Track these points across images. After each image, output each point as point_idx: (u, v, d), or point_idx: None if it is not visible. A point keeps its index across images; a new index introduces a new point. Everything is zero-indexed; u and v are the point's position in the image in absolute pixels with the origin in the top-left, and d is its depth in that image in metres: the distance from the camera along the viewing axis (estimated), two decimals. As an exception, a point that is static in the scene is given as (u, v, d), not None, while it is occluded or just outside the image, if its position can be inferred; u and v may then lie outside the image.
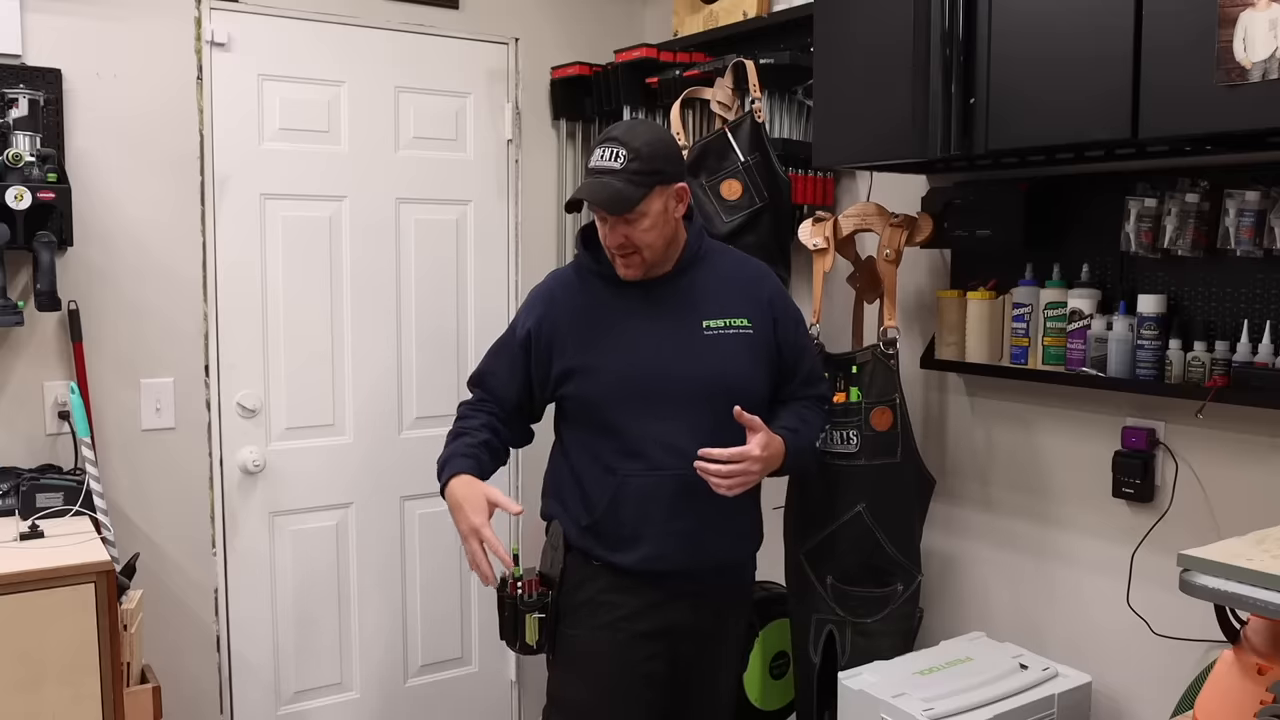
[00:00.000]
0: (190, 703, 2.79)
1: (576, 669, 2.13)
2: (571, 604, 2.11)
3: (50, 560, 2.05)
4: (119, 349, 2.65)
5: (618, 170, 1.96)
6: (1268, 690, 1.27)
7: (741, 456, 1.96)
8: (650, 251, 2.03)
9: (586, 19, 3.31)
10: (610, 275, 2.10)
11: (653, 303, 2.09)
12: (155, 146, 2.67)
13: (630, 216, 1.97)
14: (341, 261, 2.99)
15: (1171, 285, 2.04)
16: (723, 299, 2.12)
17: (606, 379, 2.05)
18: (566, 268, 2.25)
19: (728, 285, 2.14)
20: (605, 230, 2.02)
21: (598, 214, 2.02)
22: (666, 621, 2.10)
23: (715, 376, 2.05)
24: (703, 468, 1.95)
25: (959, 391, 2.52)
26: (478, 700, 3.29)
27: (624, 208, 1.96)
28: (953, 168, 2.29)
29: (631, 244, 2.00)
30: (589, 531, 2.09)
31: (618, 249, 2.02)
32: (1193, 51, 1.64)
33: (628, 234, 1.99)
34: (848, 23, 2.21)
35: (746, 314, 2.11)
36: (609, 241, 2.02)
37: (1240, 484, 1.99)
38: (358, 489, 3.06)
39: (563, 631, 2.12)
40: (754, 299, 2.14)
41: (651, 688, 2.12)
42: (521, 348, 2.14)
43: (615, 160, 1.96)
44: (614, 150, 1.97)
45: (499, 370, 2.17)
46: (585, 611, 2.10)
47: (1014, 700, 2.05)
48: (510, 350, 2.16)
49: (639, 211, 1.97)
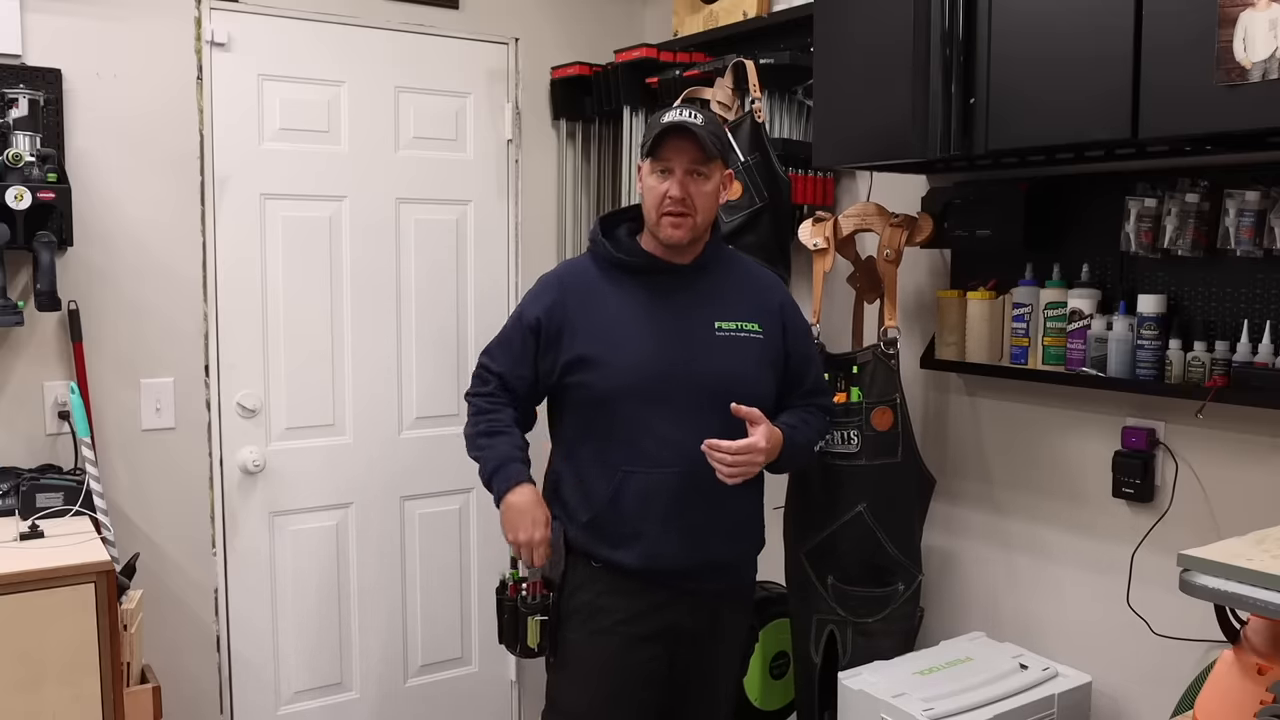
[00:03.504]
0: (190, 703, 2.79)
1: (576, 673, 2.12)
2: (571, 607, 2.11)
3: (50, 560, 2.05)
4: (119, 349, 2.65)
5: (701, 125, 2.01)
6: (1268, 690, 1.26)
7: (749, 449, 1.98)
8: (702, 217, 2.05)
9: (586, 19, 3.31)
10: (628, 266, 2.10)
11: (668, 298, 2.09)
12: (155, 146, 2.67)
13: (705, 170, 2.02)
14: (341, 261, 2.99)
15: (1171, 285, 2.04)
16: (736, 303, 2.12)
17: (617, 370, 2.04)
18: (581, 256, 2.23)
19: (741, 290, 2.15)
20: (667, 183, 2.02)
21: (669, 161, 2.02)
22: (665, 623, 2.10)
23: (724, 377, 2.05)
24: (711, 455, 1.96)
25: (959, 391, 2.52)
26: (478, 700, 3.29)
27: (710, 152, 2.01)
28: (953, 168, 2.29)
29: (691, 203, 2.02)
30: (589, 528, 2.08)
31: (676, 204, 2.02)
32: (1193, 51, 1.64)
33: (693, 190, 2.02)
34: (847, 23, 2.21)
35: (758, 320, 2.13)
36: (672, 192, 2.01)
37: (1240, 484, 1.98)
38: (358, 489, 3.06)
39: (563, 635, 2.12)
40: (766, 307, 2.16)
41: (650, 689, 2.12)
42: (531, 333, 2.12)
43: (696, 118, 2.02)
44: (693, 111, 2.04)
45: (510, 359, 2.15)
46: (585, 614, 2.10)
47: (1014, 700, 2.05)
48: (520, 336, 2.14)
49: (712, 168, 2.04)
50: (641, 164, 2.10)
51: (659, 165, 2.03)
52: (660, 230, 2.05)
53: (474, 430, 2.17)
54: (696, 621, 2.13)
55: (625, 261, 2.11)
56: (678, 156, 2.01)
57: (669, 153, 2.02)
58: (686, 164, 2.01)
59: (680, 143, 2.00)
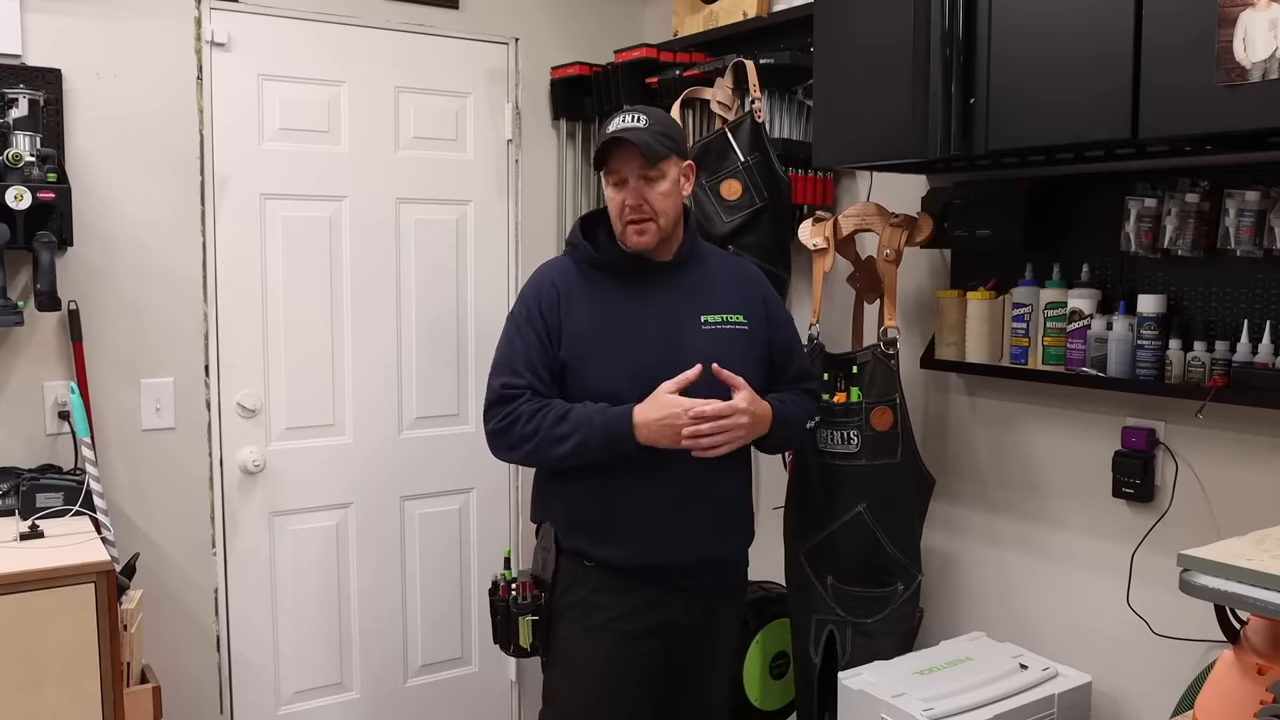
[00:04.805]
0: (190, 703, 2.79)
1: (570, 671, 2.12)
2: (564, 606, 2.11)
3: (50, 560, 2.05)
4: (119, 349, 2.65)
5: (642, 129, 2.01)
6: (1268, 690, 1.26)
7: (730, 410, 1.98)
8: (664, 220, 2.05)
9: (586, 19, 3.31)
10: (610, 266, 2.10)
11: (653, 296, 2.09)
12: (155, 146, 2.67)
13: (652, 174, 2.02)
14: (341, 262, 2.98)
15: (1171, 285, 2.04)
16: (720, 296, 2.13)
17: (608, 370, 2.04)
18: (560, 259, 2.21)
19: (724, 283, 2.16)
20: (623, 194, 2.04)
21: (619, 172, 2.03)
22: (660, 619, 2.10)
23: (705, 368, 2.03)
24: (691, 431, 1.95)
25: (959, 391, 2.52)
26: (478, 700, 3.29)
27: (654, 157, 2.01)
28: (953, 168, 2.29)
29: (649, 208, 2.03)
30: (579, 526, 2.08)
31: (634, 211, 2.03)
32: (1193, 51, 1.64)
33: (646, 196, 2.02)
34: (847, 23, 2.21)
35: (742, 311, 2.13)
36: (628, 201, 2.03)
37: (1240, 484, 1.98)
38: (358, 489, 3.06)
39: (556, 633, 2.13)
40: (749, 298, 2.17)
41: (645, 686, 2.12)
42: (544, 325, 2.07)
43: (638, 122, 2.02)
44: (635, 115, 2.04)
45: (528, 360, 2.06)
46: (578, 612, 2.10)
47: (1014, 700, 2.05)
48: (534, 334, 2.07)
49: (660, 170, 2.03)
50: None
51: (611, 177, 2.06)
52: (627, 239, 2.07)
53: (540, 428, 2.00)
54: (691, 617, 2.13)
55: (608, 262, 2.10)
56: (625, 166, 2.03)
57: (616, 164, 2.04)
58: (636, 171, 2.02)
59: (624, 152, 2.02)
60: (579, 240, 2.14)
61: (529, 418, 2.01)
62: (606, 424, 1.98)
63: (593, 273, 2.12)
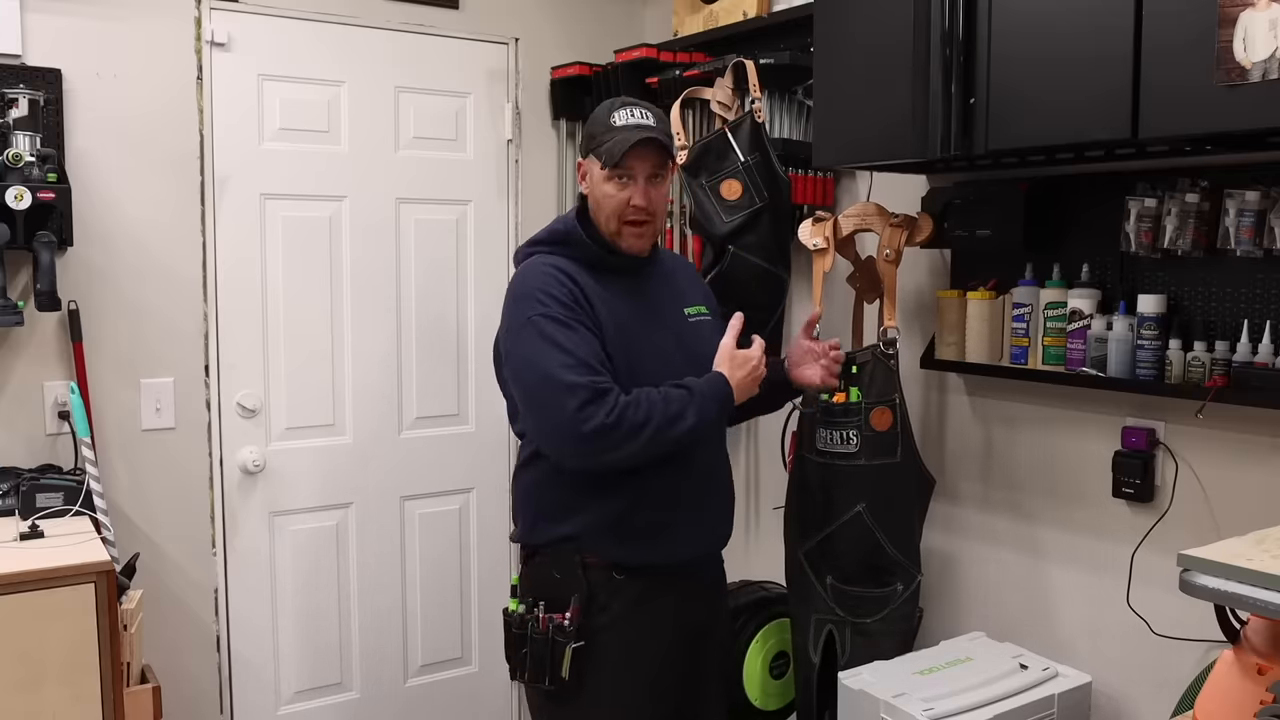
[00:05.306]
0: (190, 703, 2.79)
1: (605, 697, 1.99)
2: (596, 627, 1.97)
3: (50, 560, 2.05)
4: (119, 349, 2.65)
5: (655, 127, 1.95)
6: (1268, 690, 1.26)
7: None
8: (659, 221, 2.03)
9: (586, 19, 3.31)
10: (614, 265, 2.01)
11: (649, 292, 2.06)
12: (155, 146, 2.67)
13: (663, 173, 1.99)
14: (341, 261, 2.99)
15: (1171, 285, 2.04)
16: (687, 289, 2.15)
17: (637, 367, 1.94)
18: (551, 258, 2.00)
19: (685, 279, 2.18)
20: (628, 192, 1.94)
21: (632, 170, 1.93)
22: (688, 620, 2.05)
23: (708, 358, 1.99)
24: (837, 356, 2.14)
25: (959, 391, 2.52)
26: (478, 700, 3.29)
27: (672, 155, 1.98)
28: (953, 168, 2.29)
29: (653, 209, 1.98)
30: (613, 533, 1.96)
31: (642, 211, 1.96)
32: (1193, 51, 1.64)
33: (653, 195, 1.97)
34: (847, 23, 2.21)
35: (702, 302, 2.15)
36: (636, 200, 1.94)
37: (1240, 484, 1.98)
38: (358, 489, 3.06)
39: (594, 657, 1.96)
40: (703, 289, 2.22)
41: (678, 690, 2.07)
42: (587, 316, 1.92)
43: (648, 119, 1.96)
44: (643, 111, 1.97)
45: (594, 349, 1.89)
46: (612, 634, 1.97)
47: (1014, 700, 2.04)
48: (583, 325, 1.91)
49: (667, 172, 2.00)
50: (583, 162, 2.00)
51: (620, 173, 1.93)
52: (622, 240, 1.98)
53: (653, 413, 1.85)
54: (709, 613, 2.13)
55: (617, 262, 2.02)
56: (641, 164, 1.94)
57: (631, 161, 1.92)
58: (649, 170, 1.95)
59: (644, 151, 1.93)
60: (583, 239, 2.01)
61: (635, 406, 1.85)
62: (712, 392, 1.91)
63: (593, 271, 2.05)
